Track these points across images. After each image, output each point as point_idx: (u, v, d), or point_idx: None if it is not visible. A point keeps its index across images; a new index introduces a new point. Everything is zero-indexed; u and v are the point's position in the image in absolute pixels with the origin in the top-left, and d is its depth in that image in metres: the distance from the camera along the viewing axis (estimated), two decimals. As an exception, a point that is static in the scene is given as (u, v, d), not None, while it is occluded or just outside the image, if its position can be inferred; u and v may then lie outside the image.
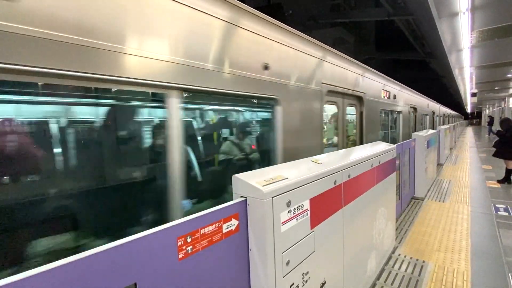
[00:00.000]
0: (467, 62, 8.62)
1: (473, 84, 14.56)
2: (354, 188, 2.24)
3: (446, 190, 6.09)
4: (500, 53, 7.88)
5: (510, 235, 3.78)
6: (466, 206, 4.99)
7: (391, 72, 25.29)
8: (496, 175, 7.16)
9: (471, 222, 4.28)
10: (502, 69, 10.31)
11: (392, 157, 3.18)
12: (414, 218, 4.53)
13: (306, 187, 1.63)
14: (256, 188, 1.32)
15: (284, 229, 1.42)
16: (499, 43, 6.52)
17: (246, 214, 1.36)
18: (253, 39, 2.30)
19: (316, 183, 1.72)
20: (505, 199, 5.35)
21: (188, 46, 1.76)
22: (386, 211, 3.06)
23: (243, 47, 2.19)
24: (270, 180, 1.45)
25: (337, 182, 1.96)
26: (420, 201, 5.39)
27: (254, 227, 1.35)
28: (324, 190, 1.81)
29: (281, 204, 1.41)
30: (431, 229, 4.07)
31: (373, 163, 2.58)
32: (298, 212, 1.54)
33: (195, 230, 1.13)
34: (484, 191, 5.91)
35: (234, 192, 1.42)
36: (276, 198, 1.36)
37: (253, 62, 2.29)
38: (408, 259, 3.22)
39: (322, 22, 12.63)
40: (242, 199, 1.35)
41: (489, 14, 5.04)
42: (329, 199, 1.88)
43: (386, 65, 23.09)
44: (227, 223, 1.26)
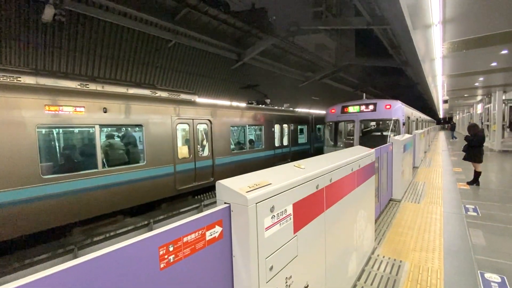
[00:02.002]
0: (439, 71, 9.14)
1: (445, 92, 15.43)
2: (336, 192, 2.29)
3: (421, 192, 6.37)
4: (468, 64, 8.43)
5: (479, 234, 4.02)
6: (439, 207, 5.25)
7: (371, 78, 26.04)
8: (466, 177, 7.59)
9: (443, 222, 4.50)
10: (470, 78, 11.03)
11: (371, 161, 3.29)
12: (392, 219, 4.70)
13: (290, 192, 1.64)
14: (240, 194, 1.32)
15: (267, 234, 1.43)
16: (467, 54, 6.97)
17: (229, 220, 1.35)
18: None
19: (299, 188, 1.75)
20: (474, 200, 5.68)
21: None
22: (366, 213, 3.15)
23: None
24: (254, 186, 1.46)
25: (319, 187, 1.99)
26: (398, 202, 5.60)
27: (238, 233, 1.34)
28: (306, 195, 1.84)
29: (265, 209, 1.42)
30: (408, 229, 4.23)
31: (353, 167, 2.66)
32: (282, 217, 1.56)
33: (177, 238, 1.11)
34: (455, 193, 6.25)
35: (218, 199, 1.41)
36: (260, 204, 1.37)
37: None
38: (387, 260, 3.33)
39: (304, 28, 12.92)
40: (226, 206, 1.35)
41: (459, 27, 5.39)
42: (312, 203, 1.91)
43: (366, 71, 23.95)
44: (210, 230, 1.25)
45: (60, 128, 4.99)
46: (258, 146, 10.01)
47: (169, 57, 11.57)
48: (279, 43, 14.27)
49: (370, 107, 8.98)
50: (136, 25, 9.15)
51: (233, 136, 9.45)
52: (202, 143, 7.82)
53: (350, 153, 2.90)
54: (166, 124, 6.40)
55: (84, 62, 9.30)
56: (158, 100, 6.35)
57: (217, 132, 7.80)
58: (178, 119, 6.70)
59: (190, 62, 12.58)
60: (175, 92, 7.06)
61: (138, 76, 11.06)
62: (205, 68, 13.51)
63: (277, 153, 10.60)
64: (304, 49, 15.65)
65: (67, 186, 4.76)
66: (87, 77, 5.80)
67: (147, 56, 10.80)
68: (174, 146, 6.52)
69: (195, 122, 7.16)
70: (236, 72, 15.10)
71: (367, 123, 10.02)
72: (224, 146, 8.05)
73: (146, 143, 5.96)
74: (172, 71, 12.16)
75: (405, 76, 20.53)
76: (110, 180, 5.33)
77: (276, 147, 10.57)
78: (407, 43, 6.40)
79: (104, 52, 9.57)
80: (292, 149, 11.62)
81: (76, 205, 4.88)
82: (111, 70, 10.13)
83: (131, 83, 6.41)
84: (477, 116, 23.22)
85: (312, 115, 13.73)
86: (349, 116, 9.29)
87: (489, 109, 16.19)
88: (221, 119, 7.99)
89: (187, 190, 6.93)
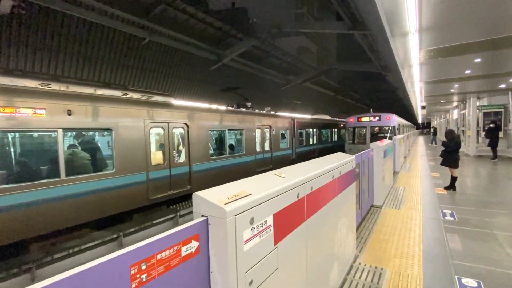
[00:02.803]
0: (417, 77, 9.73)
1: (423, 97, 16.41)
2: (317, 200, 2.36)
3: (401, 198, 6.69)
4: (444, 71, 9.06)
5: (455, 239, 4.29)
6: (418, 213, 5.53)
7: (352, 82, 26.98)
8: (443, 182, 8.08)
9: (423, 227, 4.75)
10: (446, 85, 11.85)
11: (351, 167, 3.42)
12: (373, 225, 4.89)
13: (270, 202, 1.67)
14: (218, 206, 1.32)
15: (247, 247, 1.44)
16: (443, 61, 7.50)
17: (207, 234, 1.35)
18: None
19: (280, 198, 1.78)
20: (451, 205, 6.05)
21: None
22: (347, 220, 3.26)
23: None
24: (233, 197, 1.47)
25: (300, 196, 2.04)
26: (379, 208, 5.84)
27: (216, 248, 1.34)
28: (287, 204, 1.87)
29: (244, 221, 1.43)
30: (389, 236, 4.42)
31: (334, 175, 2.75)
32: (262, 229, 1.57)
33: (150, 256, 1.09)
34: (433, 198, 6.62)
35: (194, 211, 1.40)
36: (239, 216, 1.38)
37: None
38: (368, 267, 3.45)
39: (286, 31, 13.22)
40: (203, 219, 1.34)
41: (434, 36, 5.80)
42: (292, 213, 1.95)
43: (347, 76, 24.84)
44: (186, 246, 1.24)
45: (16, 132, 4.69)
46: (238, 151, 10.01)
47: (143, 56, 11.31)
48: (260, 45, 14.45)
49: (377, 118, 15.11)
50: (106, 21, 8.87)
51: (211, 141, 9.40)
52: (178, 149, 7.69)
53: (331, 160, 3.00)
54: (138, 128, 6.24)
55: (46, 59, 8.84)
56: (129, 102, 6.18)
57: (195, 136, 7.71)
58: (152, 122, 6.55)
59: (165, 62, 12.37)
60: (149, 93, 6.91)
61: (107, 76, 10.69)
62: (182, 69, 13.35)
63: (258, 159, 10.66)
64: (285, 51, 15.96)
65: (24, 197, 4.47)
66: (49, 75, 5.52)
67: (118, 54, 10.49)
68: (147, 151, 6.35)
69: (170, 126, 7.04)
70: (216, 73, 15.06)
71: (374, 128, 15.56)
72: (202, 152, 7.96)
73: (115, 149, 5.76)
74: (146, 71, 11.88)
75: (386, 81, 21.56)
76: (74, 190, 5.08)
77: (257, 152, 10.63)
78: (386, 49, 6.77)
79: (69, 49, 9.17)
80: (274, 155, 11.73)
81: (35, 218, 4.58)
82: (76, 69, 9.71)
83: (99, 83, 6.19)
84: (453, 121, 24.88)
85: (294, 119, 13.99)
86: (362, 123, 15.46)
87: (464, 115, 17.41)
88: (199, 123, 7.92)
89: (162, 199, 6.76)
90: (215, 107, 9.62)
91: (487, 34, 5.68)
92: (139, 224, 6.16)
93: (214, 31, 12.50)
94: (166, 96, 7.37)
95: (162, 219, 6.63)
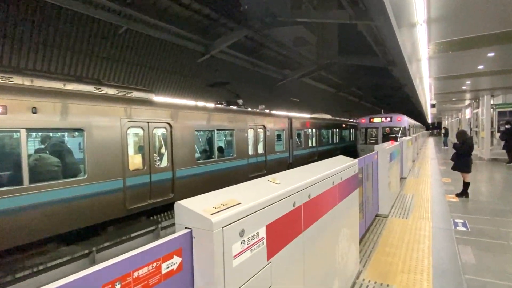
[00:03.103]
0: (426, 73, 9.92)
1: (432, 95, 16.73)
2: (315, 210, 2.37)
3: (409, 206, 6.79)
4: (455, 66, 9.26)
5: (468, 251, 4.37)
6: (428, 222, 5.62)
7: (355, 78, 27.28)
8: (455, 189, 8.24)
9: (432, 239, 4.82)
10: (457, 81, 12.11)
11: (354, 172, 3.46)
12: (378, 237, 4.94)
13: (262, 212, 1.67)
14: (204, 217, 1.32)
15: (236, 263, 1.44)
16: (453, 56, 7.67)
17: (191, 249, 1.34)
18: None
19: (274, 207, 1.79)
20: (463, 214, 6.17)
21: None
22: (349, 232, 3.28)
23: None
24: (221, 206, 1.46)
25: (296, 204, 2.05)
26: (385, 218, 5.91)
27: (201, 264, 1.33)
28: (282, 214, 1.88)
29: (233, 234, 1.43)
30: (395, 248, 4.47)
31: (334, 181, 2.78)
32: (253, 242, 1.58)
33: (126, 273, 1.08)
34: (444, 206, 6.74)
35: (177, 223, 1.39)
36: (227, 228, 1.38)
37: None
38: (373, 284, 3.48)
39: (281, 20, 13.30)
40: (186, 231, 1.34)
41: (444, 28, 5.93)
42: (288, 223, 1.96)
43: (350, 70, 25.15)
44: (167, 262, 1.23)
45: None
46: (228, 154, 10.00)
47: (119, 46, 11.20)
48: (252, 35, 14.50)
49: (388, 119, 17.79)
50: (77, 5, 8.77)
51: (198, 143, 9.35)
52: (160, 152, 7.63)
53: (331, 164, 3.02)
54: (115, 128, 6.17)
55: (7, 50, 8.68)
56: (104, 99, 6.12)
57: (179, 138, 7.67)
58: (130, 122, 6.50)
59: (145, 53, 12.29)
60: (127, 89, 6.86)
61: (79, 68, 10.55)
62: (164, 62, 13.28)
63: (250, 163, 10.66)
64: (281, 43, 16.05)
65: None
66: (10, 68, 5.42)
67: (91, 44, 10.37)
68: (124, 155, 6.29)
69: (151, 126, 6.99)
70: (203, 67, 15.04)
71: (385, 129, 18.03)
72: (188, 155, 7.93)
73: (88, 152, 5.69)
74: (123, 63, 11.77)
75: (392, 77, 21.90)
76: (40, 199, 4.98)
77: (250, 155, 10.64)
78: (392, 41, 6.89)
79: (34, 37, 9.02)
80: (268, 158, 11.76)
81: None
82: (43, 60, 9.56)
83: (69, 77, 6.11)
84: (465, 121, 25.41)
85: (292, 118, 14.07)
86: (374, 124, 18.20)
87: (477, 114, 17.81)
88: (184, 122, 7.88)
89: (141, 209, 6.69)
90: (202, 105, 9.59)
91: (502, 26, 5.83)
92: (115, 238, 6.07)
93: (201, 19, 12.50)
94: (146, 92, 7.32)
95: (141, 232, 6.56)
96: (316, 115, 19.78)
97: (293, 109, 22.92)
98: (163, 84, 14.01)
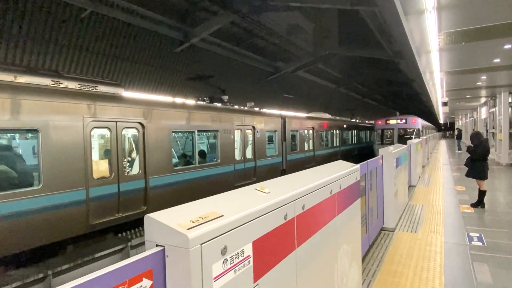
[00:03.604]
0: (437, 67, 10.18)
1: (444, 92, 17.14)
2: (310, 223, 2.38)
3: (418, 218, 6.91)
4: (468, 59, 9.53)
5: (485, 270, 4.47)
6: (439, 237, 5.73)
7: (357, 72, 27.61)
8: (470, 198, 8.44)
9: (444, 255, 4.92)
10: (472, 76, 12.46)
11: (355, 180, 3.50)
12: (383, 254, 5.00)
13: (248, 226, 1.67)
14: (178, 232, 1.31)
15: (217, 286, 1.43)
16: (467, 47, 7.90)
17: (163, 270, 1.32)
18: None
19: (262, 220, 1.79)
20: (479, 226, 6.32)
21: None
22: (350, 248, 3.31)
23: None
24: (199, 219, 1.46)
25: (288, 217, 2.06)
26: (391, 232, 5.99)
27: (175, 287, 1.32)
28: (271, 229, 1.88)
29: (214, 252, 1.42)
30: (402, 267, 4.54)
31: (333, 189, 2.80)
32: (237, 261, 1.57)
33: (84, 300, 1.05)
34: (457, 218, 6.89)
35: (147, 240, 1.38)
36: (206, 245, 1.37)
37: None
38: (377, 309, 3.52)
39: (273, 4, 13.43)
40: (158, 249, 1.32)
41: (456, 16, 6.10)
42: (279, 239, 1.96)
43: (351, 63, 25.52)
44: (135, 286, 1.21)
45: None
46: (211, 160, 9.97)
47: (82, 32, 11.06)
48: (240, 22, 14.55)
49: (403, 120, 22.19)
50: (32, -16, 8.63)
51: (176, 147, 9.28)
52: (131, 157, 7.55)
53: (329, 171, 3.05)
54: (76, 129, 6.08)
55: None
56: (63, 94, 6.02)
57: (153, 140, 7.61)
58: (94, 121, 6.41)
59: (114, 41, 12.17)
60: (91, 82, 6.77)
61: (33, 58, 10.35)
62: (136, 51, 13.17)
63: (237, 170, 10.66)
64: (273, 31, 16.17)
65: None
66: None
67: (48, 29, 10.20)
68: (87, 161, 6.20)
69: (120, 126, 6.91)
70: (182, 57, 15.00)
71: (400, 130, 22.47)
72: (163, 161, 7.86)
73: (43, 157, 5.57)
74: (87, 52, 11.62)
75: (399, 71, 22.35)
76: None
77: (236, 161, 10.64)
78: (398, 30, 7.04)
79: (-21, 20, 8.81)
80: (258, 164, 11.78)
81: None
82: (-10, 47, 9.34)
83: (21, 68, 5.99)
84: (481, 122, 26.10)
85: (285, 117, 14.15)
86: (390, 126, 22.47)
87: (494, 114, 18.32)
88: (159, 122, 7.83)
89: (107, 225, 6.59)
90: (180, 102, 9.55)
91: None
92: (75, 259, 5.96)
93: (179, 2, 12.48)
94: (115, 87, 7.24)
95: (108, 251, 6.45)
96: (314, 114, 19.94)
97: (287, 107, 23.08)
98: (134, 78, 13.88)
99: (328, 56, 20.38)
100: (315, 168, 3.23)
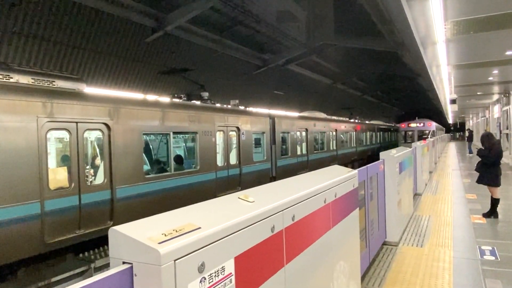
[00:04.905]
0: (444, 59, 10.41)
1: (452, 88, 17.54)
2: (301, 236, 2.41)
3: (425, 231, 7.02)
4: (478, 51, 9.79)
5: (498, 287, 4.58)
6: (448, 251, 5.84)
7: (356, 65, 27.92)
8: (482, 207, 8.63)
9: (453, 272, 5.02)
10: (482, 70, 12.79)
11: (352, 187, 3.55)
12: (386, 272, 5.06)
13: (230, 239, 1.68)
14: (148, 247, 1.31)
15: (193, 308, 1.43)
16: (476, 38, 8.12)
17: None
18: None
19: (245, 232, 1.80)
20: (491, 239, 6.48)
21: None
22: (348, 265, 3.35)
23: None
24: (173, 232, 1.46)
25: (275, 229, 2.08)
26: (394, 247, 6.07)
27: (145, 310, 1.32)
28: (257, 243, 1.90)
29: (190, 269, 1.42)
30: (407, 285, 4.61)
31: (327, 198, 2.84)
32: (217, 280, 1.58)
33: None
34: (468, 229, 7.04)
35: (111, 257, 1.37)
36: (181, 262, 1.37)
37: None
38: (378, 334, 3.56)
39: (260, -12, 13.55)
40: (125, 267, 1.32)
41: (464, 3, 6.27)
42: (265, 255, 1.98)
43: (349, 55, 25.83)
44: (97, 309, 1.20)
45: None
46: (190, 166, 9.92)
47: (35, 18, 10.89)
48: (222, 7, 14.57)
49: (422, 124, 38.98)
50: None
51: (148, 151, 9.19)
52: (94, 163, 7.45)
53: (322, 177, 3.09)
54: (29, 131, 5.97)
55: None
56: (13, 90, 5.92)
57: (121, 143, 7.53)
58: (51, 122, 6.32)
59: (74, 28, 12.02)
60: (47, 76, 6.68)
61: (-23, 47, 10.13)
62: (100, 40, 13.04)
63: (220, 178, 10.63)
64: (260, 18, 16.25)
65: None
66: None
67: (-4, 14, 10.01)
68: (42, 168, 6.09)
69: (81, 128, 6.82)
70: (154, 48, 14.92)
71: (420, 131, 38.19)
72: (133, 168, 7.79)
73: None
74: (42, 41, 11.44)
75: (403, 64, 22.76)
76: None
77: (219, 167, 10.62)
78: (401, 18, 7.19)
79: None
80: (244, 171, 11.79)
81: None
82: None
83: (-37, 59, 5.86)
84: (494, 121, 26.77)
85: (274, 117, 14.21)
86: (411, 128, 39.42)
87: (507, 113, 18.83)
88: (128, 123, 7.76)
89: (66, 243, 6.48)
90: (153, 99, 9.48)
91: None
92: (28, 284, 5.84)
93: (151, -16, 12.43)
94: (75, 81, 7.16)
95: (67, 274, 6.36)
96: (307, 114, 20.06)
97: (277, 105, 23.18)
98: (98, 71, 13.73)
99: (322, 47, 20.59)
100: (306, 174, 3.27)
